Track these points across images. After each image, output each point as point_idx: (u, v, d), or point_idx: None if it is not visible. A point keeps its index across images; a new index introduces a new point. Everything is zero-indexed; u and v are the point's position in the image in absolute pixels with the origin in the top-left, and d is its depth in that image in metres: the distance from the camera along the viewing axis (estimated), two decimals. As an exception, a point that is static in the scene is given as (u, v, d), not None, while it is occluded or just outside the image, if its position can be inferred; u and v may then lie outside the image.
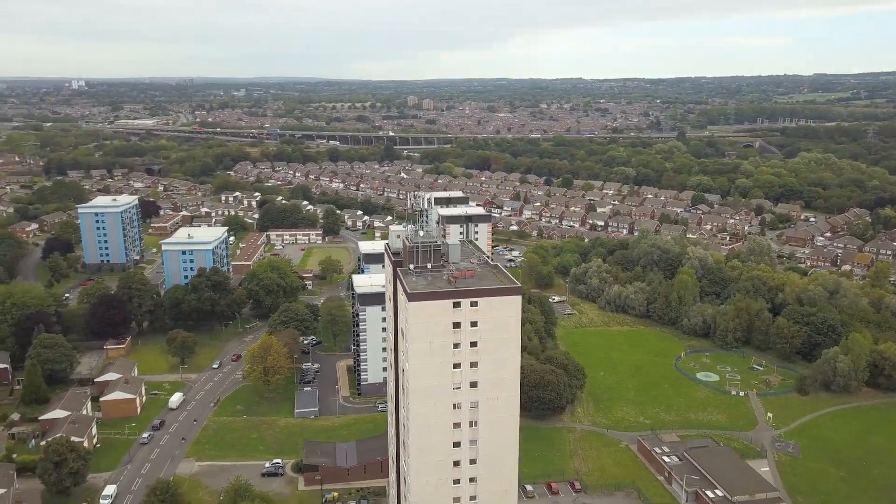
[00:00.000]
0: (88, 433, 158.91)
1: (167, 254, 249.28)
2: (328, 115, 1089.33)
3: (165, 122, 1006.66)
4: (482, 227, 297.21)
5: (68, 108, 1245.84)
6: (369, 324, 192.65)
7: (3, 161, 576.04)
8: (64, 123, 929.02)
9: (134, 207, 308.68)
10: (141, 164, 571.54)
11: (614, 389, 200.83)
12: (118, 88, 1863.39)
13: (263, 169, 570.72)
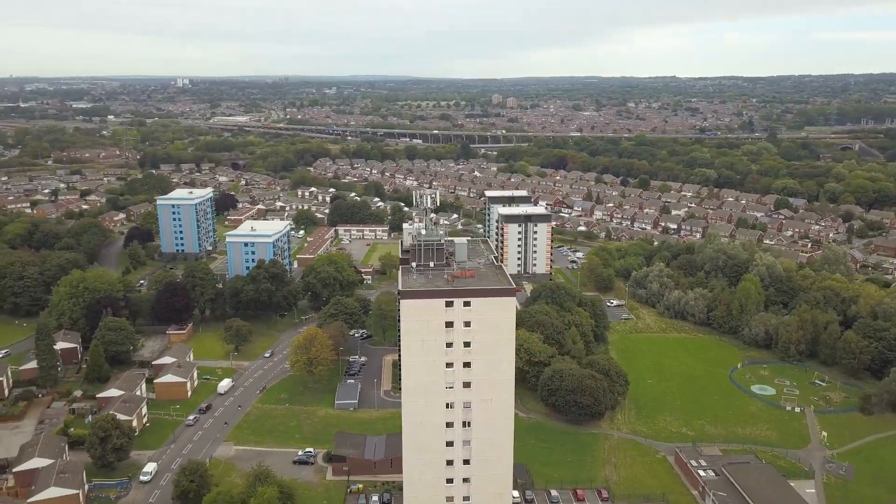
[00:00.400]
0: (138, 412, 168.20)
1: (230, 245, 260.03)
2: (412, 113, 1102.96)
3: (258, 118, 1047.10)
4: (541, 227, 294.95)
5: (171, 104, 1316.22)
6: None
7: (105, 154, 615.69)
8: (165, 119, 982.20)
9: (208, 200, 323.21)
10: (228, 158, 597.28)
11: (660, 398, 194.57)
12: (219, 86, 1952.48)
13: (342, 166, 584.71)
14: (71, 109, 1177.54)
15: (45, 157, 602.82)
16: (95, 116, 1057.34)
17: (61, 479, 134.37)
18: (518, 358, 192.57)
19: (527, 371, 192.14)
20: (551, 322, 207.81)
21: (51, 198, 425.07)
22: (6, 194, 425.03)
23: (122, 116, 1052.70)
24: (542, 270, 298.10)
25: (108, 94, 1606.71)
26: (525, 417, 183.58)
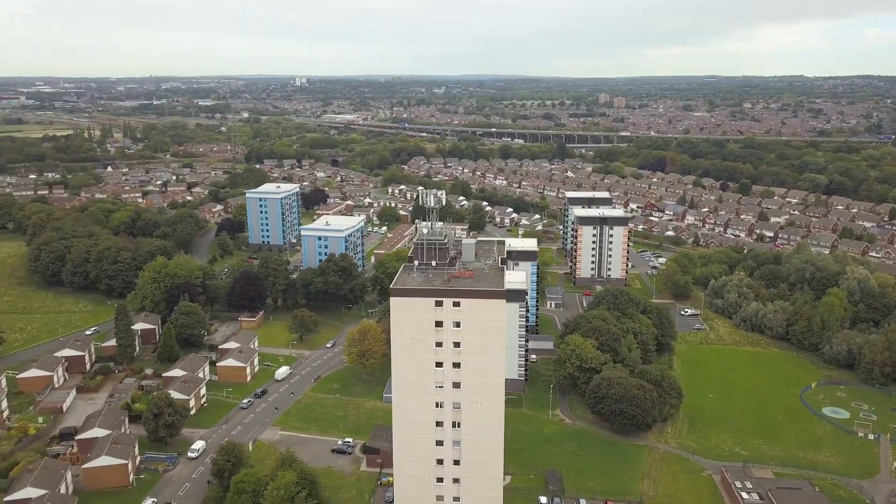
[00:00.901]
0: (196, 393, 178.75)
1: (305, 238, 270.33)
2: (516, 112, 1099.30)
3: (365, 116, 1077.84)
4: (617, 231, 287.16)
5: (287, 103, 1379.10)
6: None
7: (217, 149, 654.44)
8: (278, 117, 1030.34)
9: (294, 195, 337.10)
10: (328, 155, 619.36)
11: (719, 413, 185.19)
12: (334, 85, 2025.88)
13: (435, 164, 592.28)
14: (196, 107, 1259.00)
15: (165, 150, 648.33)
16: (217, 113, 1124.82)
17: (113, 449, 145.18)
18: (569, 363, 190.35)
19: (577, 377, 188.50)
20: (608, 328, 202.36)
21: (161, 189, 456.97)
22: (123, 185, 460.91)
23: (241, 114, 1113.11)
24: (616, 275, 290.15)
25: (233, 92, 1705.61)
26: (570, 424, 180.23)
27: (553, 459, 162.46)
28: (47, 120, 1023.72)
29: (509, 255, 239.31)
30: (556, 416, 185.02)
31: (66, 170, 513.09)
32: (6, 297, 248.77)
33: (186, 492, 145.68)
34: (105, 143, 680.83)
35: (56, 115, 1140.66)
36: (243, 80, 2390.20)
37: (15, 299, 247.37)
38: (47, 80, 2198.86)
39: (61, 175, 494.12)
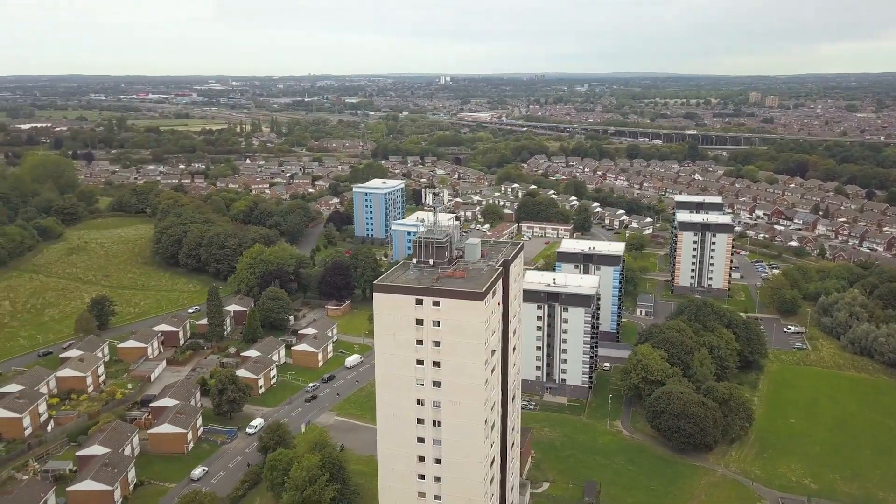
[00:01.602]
0: (266, 373, 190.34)
1: (395, 233, 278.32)
2: (656, 110, 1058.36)
3: (499, 115, 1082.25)
4: (721, 238, 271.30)
5: (428, 101, 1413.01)
6: (524, 319, 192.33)
7: (349, 144, 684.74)
8: (415, 115, 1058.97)
9: (399, 191, 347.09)
10: (451, 153, 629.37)
11: (796, 440, 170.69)
12: (476, 84, 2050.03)
13: (555, 163, 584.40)
14: (343, 104, 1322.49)
15: (303, 145, 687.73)
16: (359, 110, 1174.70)
17: (176, 419, 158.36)
18: (634, 374, 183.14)
19: (642, 389, 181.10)
20: (681, 340, 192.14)
21: (288, 181, 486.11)
22: (255, 176, 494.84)
23: (382, 111, 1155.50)
24: (718, 285, 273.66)
25: (380, 90, 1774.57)
26: (628, 437, 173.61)
27: (598, 471, 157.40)
28: (210, 115, 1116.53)
29: (559, 256, 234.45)
30: (614, 427, 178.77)
31: (210, 161, 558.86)
32: (130, 274, 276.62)
33: (237, 464, 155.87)
34: (252, 137, 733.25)
35: (219, 110, 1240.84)
36: (392, 79, 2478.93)
37: (136, 277, 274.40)
38: (218, 78, 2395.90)
39: (205, 165, 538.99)
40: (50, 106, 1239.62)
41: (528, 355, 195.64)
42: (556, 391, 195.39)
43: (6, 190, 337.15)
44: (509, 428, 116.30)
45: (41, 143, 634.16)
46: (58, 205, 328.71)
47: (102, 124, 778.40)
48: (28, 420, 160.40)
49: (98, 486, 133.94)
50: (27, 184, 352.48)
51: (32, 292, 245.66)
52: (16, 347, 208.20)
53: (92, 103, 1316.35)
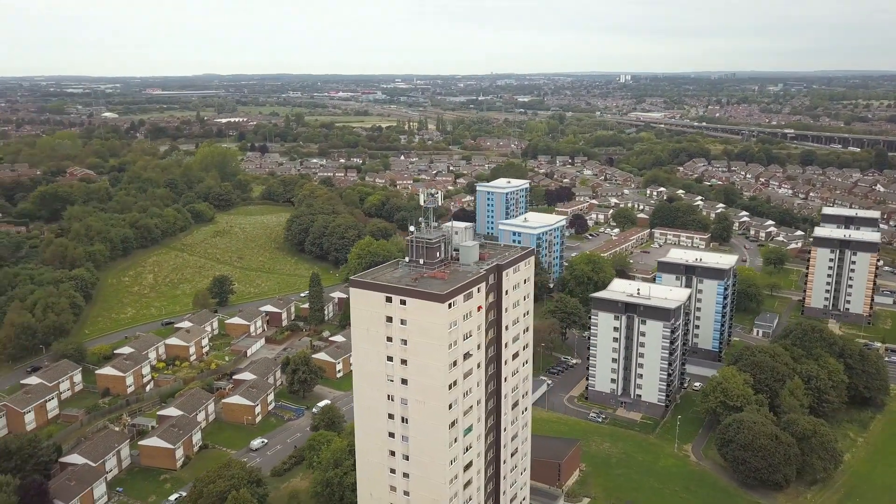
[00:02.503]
0: (345, 358, 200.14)
1: (501, 232, 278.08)
2: (854, 113, 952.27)
3: (672, 115, 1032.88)
4: (862, 257, 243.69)
5: (601, 100, 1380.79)
6: (600, 329, 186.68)
7: (502, 143, 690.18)
8: (582, 114, 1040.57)
9: (523, 191, 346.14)
10: (605, 153, 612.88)
11: (892, 491, 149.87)
12: (658, 82, 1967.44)
13: (716, 168, 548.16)
14: (514, 102, 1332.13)
15: (460, 143, 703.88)
16: (529, 109, 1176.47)
17: (248, 392, 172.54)
18: (712, 397, 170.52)
19: (720, 413, 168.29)
20: (772, 366, 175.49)
21: (432, 178, 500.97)
22: (403, 172, 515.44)
23: (551, 110, 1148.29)
24: (857, 310, 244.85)
25: (556, 88, 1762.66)
26: (693, 462, 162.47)
27: (646, 494, 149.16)
28: (386, 112, 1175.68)
29: (660, 267, 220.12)
30: (683, 451, 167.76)
31: (368, 156, 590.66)
32: (260, 257, 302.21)
33: (295, 440, 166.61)
34: (415, 135, 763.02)
35: (397, 108, 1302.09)
36: (571, 77, 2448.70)
37: (265, 260, 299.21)
38: (405, 77, 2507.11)
39: (362, 160, 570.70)
40: (252, 102, 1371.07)
41: (603, 367, 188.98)
42: (630, 406, 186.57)
43: (176, 177, 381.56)
44: (509, 435, 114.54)
45: (228, 135, 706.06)
46: (215, 192, 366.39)
47: (285, 120, 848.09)
48: (131, 379, 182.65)
49: (163, 443, 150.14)
50: (194, 172, 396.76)
51: (174, 268, 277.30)
52: (147, 316, 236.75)
53: (287, 100, 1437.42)
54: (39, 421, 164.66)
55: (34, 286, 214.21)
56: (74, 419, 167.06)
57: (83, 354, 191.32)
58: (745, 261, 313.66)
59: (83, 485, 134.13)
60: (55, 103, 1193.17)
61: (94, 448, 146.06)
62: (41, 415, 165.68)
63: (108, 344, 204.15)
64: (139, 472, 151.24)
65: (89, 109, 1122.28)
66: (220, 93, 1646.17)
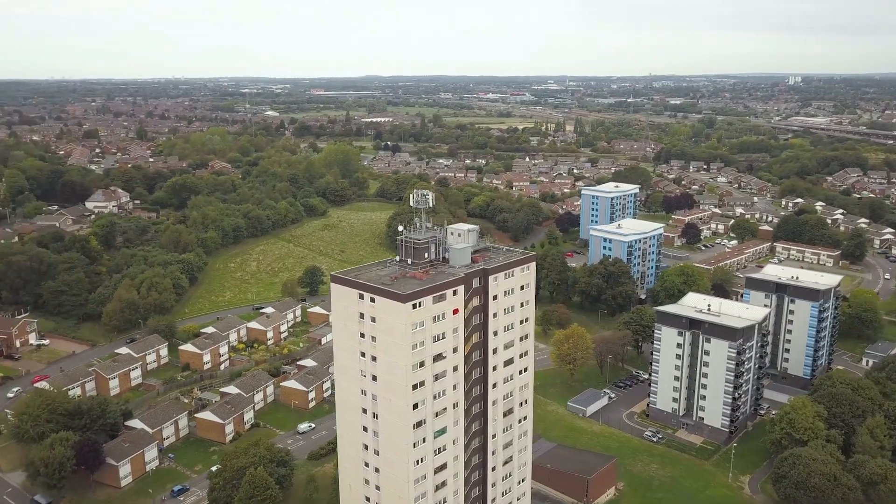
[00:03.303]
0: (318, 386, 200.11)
1: (592, 238, 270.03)
2: None
3: (839, 120, 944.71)
4: None
5: (762, 103, 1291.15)
6: (664, 345, 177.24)
7: (637, 146, 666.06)
8: (733, 117, 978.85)
9: (631, 196, 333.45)
10: (744, 160, 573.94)
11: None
12: (833, 84, 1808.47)
13: (870, 179, 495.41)
14: (665, 105, 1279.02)
15: (593, 145, 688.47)
16: (680, 112, 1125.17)
17: (304, 378, 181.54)
18: (778, 427, 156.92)
19: (785, 446, 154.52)
20: (851, 399, 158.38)
21: (551, 180, 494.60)
22: (522, 174, 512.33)
23: (703, 113, 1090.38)
24: None
25: (716, 90, 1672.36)
26: (747, 496, 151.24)
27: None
28: (528, 114, 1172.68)
29: (748, 283, 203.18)
30: (738, 482, 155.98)
31: (493, 157, 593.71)
32: (361, 251, 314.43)
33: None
34: (547, 136, 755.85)
35: (542, 109, 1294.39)
36: (734, 79, 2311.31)
37: (366, 255, 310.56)
38: (559, 78, 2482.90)
39: (486, 161, 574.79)
40: (403, 103, 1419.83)
41: (665, 385, 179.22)
42: (692, 429, 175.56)
43: (300, 172, 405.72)
44: (500, 442, 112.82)
45: (366, 135, 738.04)
46: (332, 187, 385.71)
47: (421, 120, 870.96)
48: (208, 357, 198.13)
49: (215, 418, 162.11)
50: (316, 168, 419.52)
51: (277, 257, 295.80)
52: (243, 300, 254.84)
53: (437, 101, 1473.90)
54: (123, 387, 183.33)
55: (146, 266, 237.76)
56: (152, 388, 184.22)
57: (173, 331, 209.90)
58: (884, 279, 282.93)
59: (136, 448, 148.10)
60: (227, 102, 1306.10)
61: (155, 416, 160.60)
62: (125, 382, 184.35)
63: (199, 323, 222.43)
64: (194, 442, 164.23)
65: (255, 108, 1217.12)
66: (375, 93, 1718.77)
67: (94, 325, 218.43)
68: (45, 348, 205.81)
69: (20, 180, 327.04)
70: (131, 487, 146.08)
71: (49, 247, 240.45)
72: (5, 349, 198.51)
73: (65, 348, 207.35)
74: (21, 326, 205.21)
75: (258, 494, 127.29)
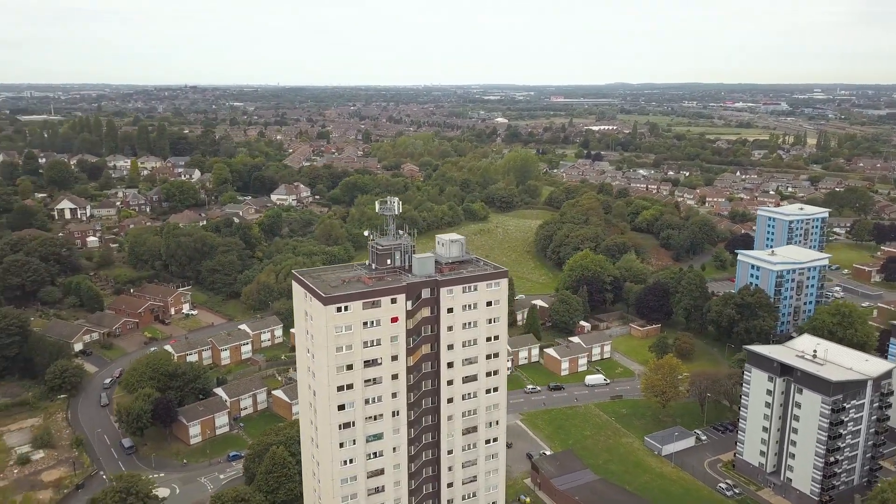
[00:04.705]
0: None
1: (740, 263, 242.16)
2: None
3: None
4: None
5: None
6: (753, 389, 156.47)
7: (881, 165, 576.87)
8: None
9: (817, 220, 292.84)
10: None
11: None
12: None
13: None
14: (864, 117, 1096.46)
15: (827, 162, 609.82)
16: None
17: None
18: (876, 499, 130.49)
19: None
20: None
21: (750, 197, 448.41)
22: (724, 189, 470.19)
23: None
24: None
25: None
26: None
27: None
28: (772, 125, 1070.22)
29: None
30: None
31: (701, 170, 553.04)
32: (504, 257, 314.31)
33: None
34: (781, 150, 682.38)
35: (794, 120, 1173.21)
36: None
37: (508, 261, 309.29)
38: (827, 87, 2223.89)
39: (689, 174, 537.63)
40: (637, 111, 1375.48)
41: (752, 435, 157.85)
42: (779, 490, 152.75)
43: (476, 177, 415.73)
44: (458, 460, 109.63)
45: (573, 142, 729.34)
46: (499, 194, 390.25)
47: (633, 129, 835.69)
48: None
49: (284, 396, 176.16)
50: (491, 174, 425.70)
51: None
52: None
53: (675, 109, 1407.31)
54: (233, 359, 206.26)
55: (293, 255, 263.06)
56: (256, 364, 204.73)
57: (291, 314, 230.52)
58: None
59: (208, 412, 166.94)
60: (462, 109, 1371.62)
61: (236, 387, 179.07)
62: (235, 354, 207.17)
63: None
64: (269, 416, 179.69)
65: (488, 114, 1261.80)
66: (614, 101, 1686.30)
67: (236, 303, 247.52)
68: (193, 318, 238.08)
69: (225, 173, 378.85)
70: (198, 446, 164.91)
71: (221, 231, 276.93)
72: (161, 315, 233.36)
73: (208, 319, 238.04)
74: (177, 297, 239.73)
75: (276, 470, 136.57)
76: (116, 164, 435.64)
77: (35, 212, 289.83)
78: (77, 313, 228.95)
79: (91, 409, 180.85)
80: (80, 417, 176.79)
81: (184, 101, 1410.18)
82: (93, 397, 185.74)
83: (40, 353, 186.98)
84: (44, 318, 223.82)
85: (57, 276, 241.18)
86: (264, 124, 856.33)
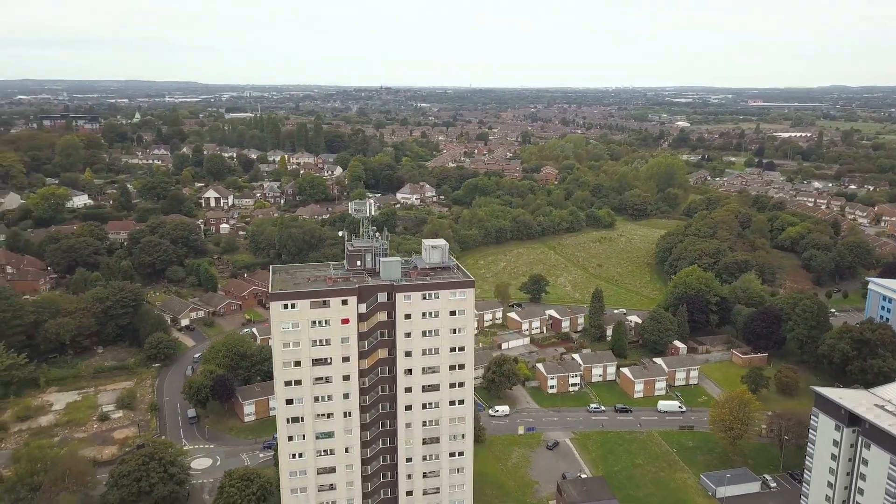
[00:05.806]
0: (564, 378, 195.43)
1: (871, 292, 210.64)
2: None
3: None
4: None
5: None
6: (819, 437, 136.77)
7: None
8: None
9: None
10: None
11: None
12: None
13: None
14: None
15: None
16: None
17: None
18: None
19: None
20: None
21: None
22: None
23: None
24: None
25: None
26: None
27: None
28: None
29: None
30: None
31: (890, 185, 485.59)
32: (619, 268, 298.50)
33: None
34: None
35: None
36: None
37: (620, 272, 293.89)
38: None
39: (874, 188, 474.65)
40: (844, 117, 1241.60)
41: (817, 488, 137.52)
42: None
43: (612, 183, 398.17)
44: (418, 469, 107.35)
45: (747, 150, 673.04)
46: (631, 201, 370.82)
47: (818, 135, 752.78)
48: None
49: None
50: (628, 179, 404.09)
51: (529, 262, 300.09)
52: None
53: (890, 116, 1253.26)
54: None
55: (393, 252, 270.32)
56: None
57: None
58: None
59: (264, 394, 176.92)
60: (642, 110, 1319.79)
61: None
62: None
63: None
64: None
65: (670, 117, 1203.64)
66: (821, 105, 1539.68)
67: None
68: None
69: (359, 170, 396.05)
70: (251, 424, 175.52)
71: (335, 225, 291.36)
72: (263, 299, 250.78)
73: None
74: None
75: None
76: (275, 159, 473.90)
77: (185, 199, 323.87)
78: (195, 292, 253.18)
79: (177, 379, 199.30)
80: (165, 386, 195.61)
81: (377, 101, 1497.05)
82: (181, 369, 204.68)
83: (145, 325, 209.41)
84: (167, 294, 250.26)
85: (185, 257, 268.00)
86: (433, 125, 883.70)
